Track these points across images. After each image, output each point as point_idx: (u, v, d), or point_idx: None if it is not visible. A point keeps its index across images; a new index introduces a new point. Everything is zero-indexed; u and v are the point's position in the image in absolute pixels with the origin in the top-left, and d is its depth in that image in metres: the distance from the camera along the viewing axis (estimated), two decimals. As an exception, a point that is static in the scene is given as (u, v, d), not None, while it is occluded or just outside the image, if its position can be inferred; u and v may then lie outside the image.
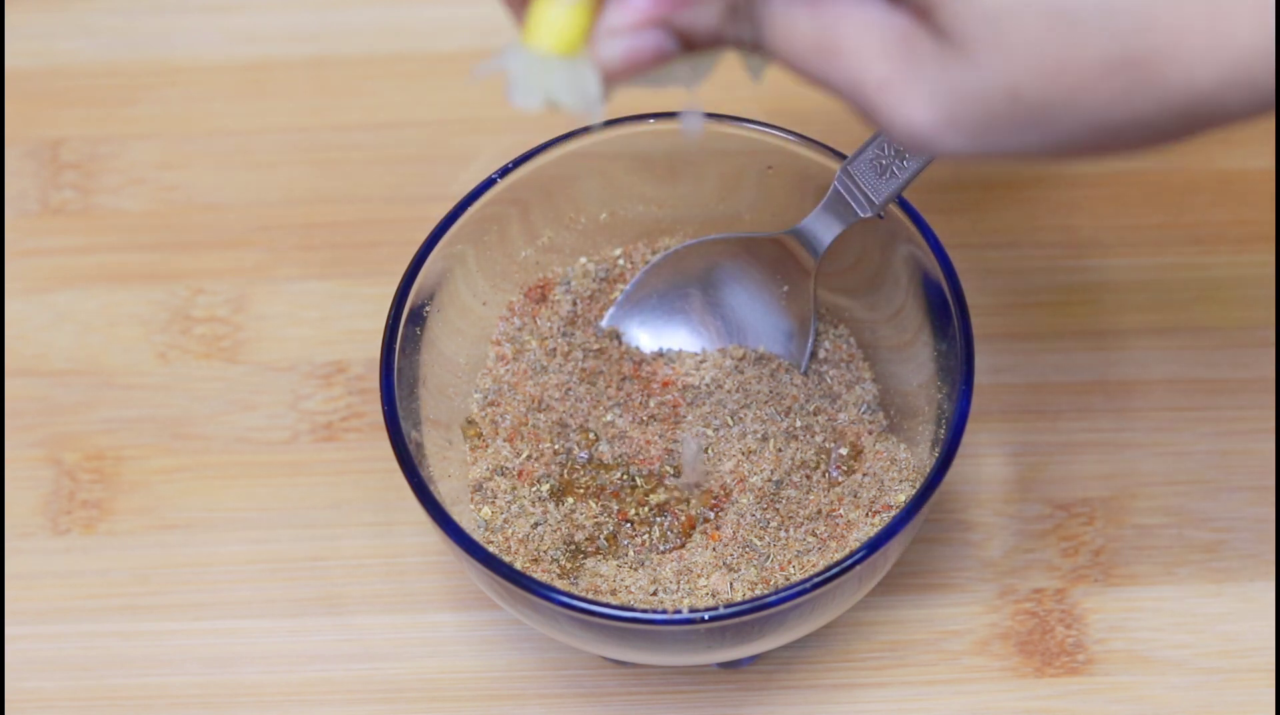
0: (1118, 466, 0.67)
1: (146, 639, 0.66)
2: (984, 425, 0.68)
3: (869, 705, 0.64)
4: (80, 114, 0.76)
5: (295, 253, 0.73)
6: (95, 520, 0.68)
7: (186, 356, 0.71)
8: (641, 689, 0.64)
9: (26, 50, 0.77)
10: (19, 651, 0.66)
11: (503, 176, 0.63)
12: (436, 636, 0.65)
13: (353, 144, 0.75)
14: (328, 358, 0.70)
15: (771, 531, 0.62)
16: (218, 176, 0.74)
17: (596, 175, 0.65)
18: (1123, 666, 0.64)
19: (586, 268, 0.66)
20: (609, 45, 0.50)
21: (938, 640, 0.65)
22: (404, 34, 0.77)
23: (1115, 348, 0.69)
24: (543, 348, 0.65)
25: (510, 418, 0.64)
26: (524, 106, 0.50)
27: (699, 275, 0.66)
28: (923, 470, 0.61)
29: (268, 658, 0.65)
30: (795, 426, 0.63)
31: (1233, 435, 0.68)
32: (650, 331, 0.66)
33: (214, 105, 0.76)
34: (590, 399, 0.64)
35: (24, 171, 0.74)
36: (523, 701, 0.64)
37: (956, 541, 0.66)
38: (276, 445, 0.69)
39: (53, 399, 0.70)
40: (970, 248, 0.71)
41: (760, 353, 0.65)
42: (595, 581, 0.61)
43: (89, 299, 0.72)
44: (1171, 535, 0.66)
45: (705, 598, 0.60)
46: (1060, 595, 0.65)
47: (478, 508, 0.63)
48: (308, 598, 0.66)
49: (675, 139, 0.64)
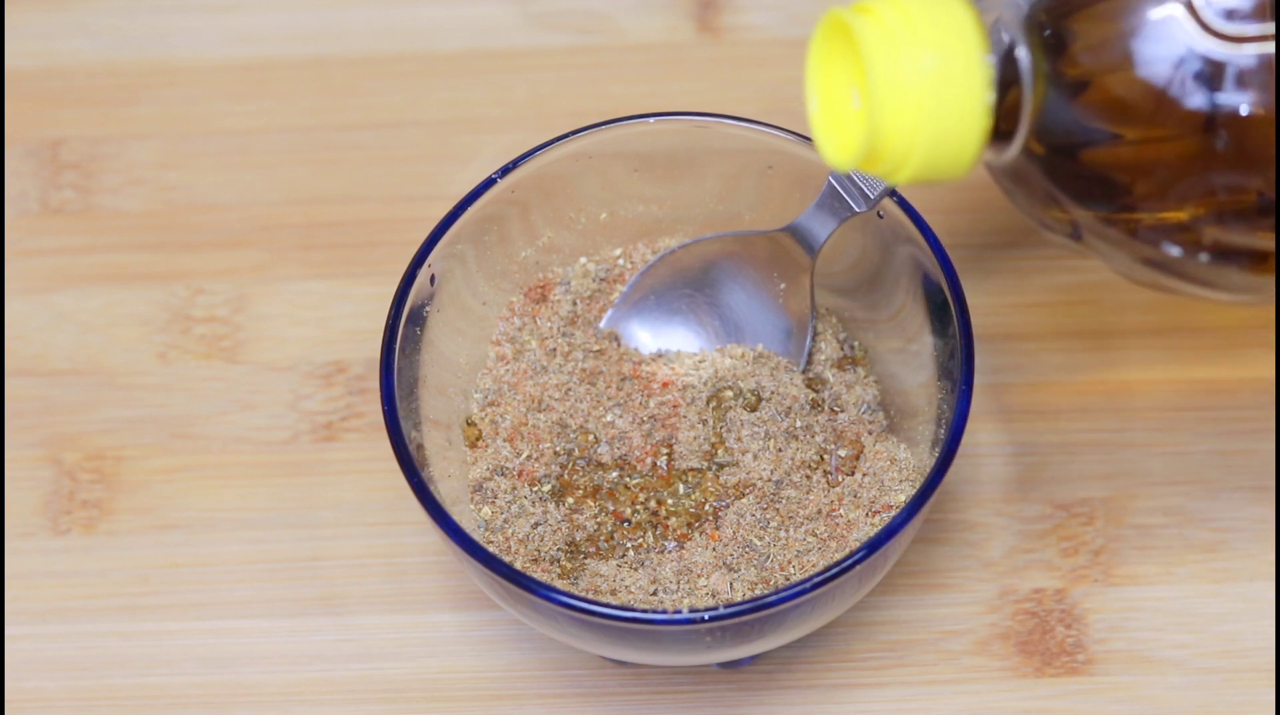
0: (1118, 466, 0.67)
1: (146, 639, 0.66)
2: (984, 425, 0.68)
3: (869, 705, 0.64)
4: (80, 114, 0.76)
5: (295, 253, 0.73)
6: (95, 520, 0.68)
7: (186, 356, 0.71)
8: (641, 689, 0.64)
9: (26, 50, 0.77)
10: (19, 651, 0.66)
11: (503, 176, 0.63)
12: (436, 636, 0.65)
13: (353, 144, 0.75)
14: (328, 358, 0.70)
15: (771, 531, 0.62)
16: (218, 176, 0.74)
17: (596, 175, 0.65)
18: (1123, 666, 0.64)
19: (586, 268, 0.66)
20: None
21: (938, 640, 0.65)
22: (404, 34, 0.77)
23: (1115, 348, 0.69)
24: (543, 348, 0.65)
25: (510, 418, 0.64)
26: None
27: (696, 275, 0.66)
28: (923, 470, 0.61)
29: (268, 658, 0.65)
30: (795, 426, 0.63)
31: (1233, 435, 0.68)
32: (649, 332, 0.66)
33: (214, 105, 0.76)
34: (590, 399, 0.64)
35: (24, 171, 0.74)
36: (523, 701, 0.64)
37: (956, 541, 0.66)
38: (276, 445, 0.69)
39: (53, 399, 0.70)
40: (970, 248, 0.71)
41: (759, 351, 0.65)
42: (595, 581, 0.61)
43: (89, 299, 0.72)
44: (1171, 535, 0.66)
45: (705, 598, 0.60)
46: (1060, 595, 0.65)
47: (478, 508, 0.63)
48: (308, 598, 0.66)
49: (675, 139, 0.64)
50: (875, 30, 0.51)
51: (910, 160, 0.51)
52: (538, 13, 0.77)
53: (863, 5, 0.52)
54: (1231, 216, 0.51)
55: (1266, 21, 0.50)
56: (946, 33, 0.50)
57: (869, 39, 0.51)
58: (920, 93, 0.50)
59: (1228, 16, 0.50)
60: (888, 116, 0.50)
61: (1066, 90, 0.52)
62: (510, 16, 0.77)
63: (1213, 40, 0.50)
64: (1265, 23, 0.50)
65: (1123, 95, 0.51)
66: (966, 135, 0.51)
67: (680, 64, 0.76)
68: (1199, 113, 0.50)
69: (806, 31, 0.76)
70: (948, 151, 0.51)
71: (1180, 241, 0.52)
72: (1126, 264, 0.53)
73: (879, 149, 0.51)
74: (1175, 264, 0.53)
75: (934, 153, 0.51)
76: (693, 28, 0.77)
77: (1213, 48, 0.50)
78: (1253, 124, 0.50)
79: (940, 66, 0.50)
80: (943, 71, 0.50)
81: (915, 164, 0.51)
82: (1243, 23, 0.50)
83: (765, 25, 0.77)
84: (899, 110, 0.50)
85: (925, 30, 0.50)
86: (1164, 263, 0.53)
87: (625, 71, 0.76)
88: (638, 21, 0.77)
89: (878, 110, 0.50)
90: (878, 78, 0.50)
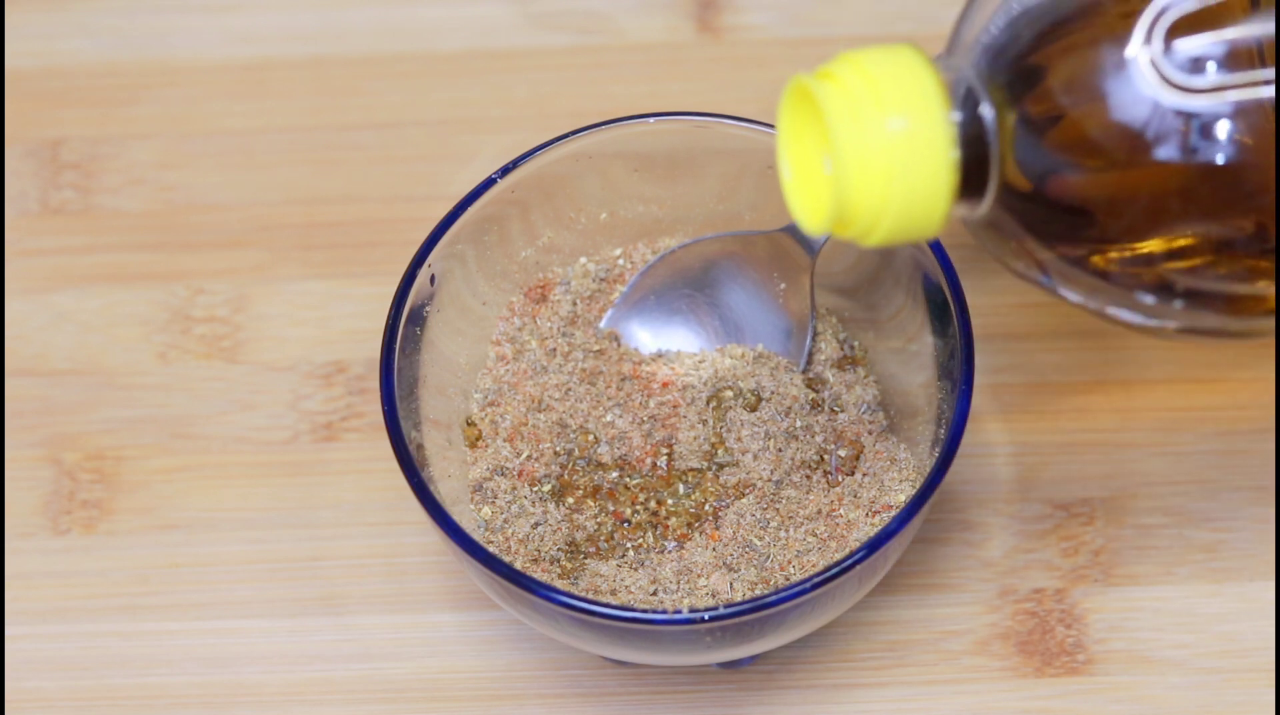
0: (1118, 466, 0.67)
1: (146, 639, 0.66)
2: (984, 425, 0.68)
3: (869, 705, 0.64)
4: (80, 114, 0.76)
5: (295, 253, 0.73)
6: (95, 520, 0.68)
7: (186, 356, 0.71)
8: (641, 689, 0.64)
9: (26, 50, 0.77)
10: (19, 651, 0.66)
11: (503, 176, 0.63)
12: (436, 636, 0.65)
13: (353, 144, 0.75)
14: (328, 358, 0.70)
15: (771, 531, 0.62)
16: (218, 176, 0.74)
17: (596, 175, 0.65)
18: (1123, 666, 0.64)
19: (586, 268, 0.66)
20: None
21: (938, 640, 0.65)
22: (404, 34, 0.77)
23: (1115, 348, 0.69)
24: (543, 348, 0.65)
25: (510, 418, 0.64)
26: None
27: (696, 275, 0.66)
28: (923, 470, 0.61)
29: (268, 658, 0.65)
30: (795, 426, 0.63)
31: (1233, 435, 0.68)
32: (649, 332, 0.66)
33: (214, 105, 0.76)
34: (590, 399, 0.64)
35: (24, 171, 0.74)
36: (523, 701, 0.64)
37: (956, 541, 0.66)
38: (276, 445, 0.69)
39: (53, 399, 0.70)
40: (970, 248, 0.71)
41: (759, 351, 0.65)
42: (595, 581, 0.61)
43: (89, 299, 0.72)
44: (1171, 535, 0.66)
45: (705, 598, 0.60)
46: (1060, 595, 0.65)
47: (478, 508, 0.63)
48: (308, 598, 0.66)
49: (675, 139, 0.64)
50: (838, 96, 0.51)
51: (881, 223, 0.51)
52: (538, 13, 0.77)
53: (826, 70, 0.52)
54: (1204, 260, 0.51)
55: (1233, 72, 0.50)
56: (909, 95, 0.50)
57: (832, 106, 0.51)
58: (886, 158, 0.50)
59: (1190, 69, 0.50)
60: (855, 183, 0.50)
61: (1034, 142, 0.51)
62: (510, 16, 0.77)
63: (1175, 92, 0.50)
64: (1232, 73, 0.50)
65: (1091, 145, 0.51)
66: (935, 195, 0.51)
67: (680, 64, 0.76)
68: (1168, 163, 0.50)
69: (807, 32, 0.76)
70: (918, 212, 0.51)
71: (1150, 286, 0.52)
72: (1100, 308, 0.54)
73: (850, 214, 0.51)
74: (1150, 309, 0.53)
75: (904, 215, 0.51)
76: (693, 28, 0.77)
77: (1176, 100, 0.50)
78: (1220, 173, 0.50)
79: (905, 130, 0.50)
80: (907, 135, 0.50)
81: (886, 227, 0.51)
82: (1203, 75, 0.50)
83: (765, 25, 0.77)
84: (866, 176, 0.50)
85: (888, 93, 0.50)
86: (1138, 307, 0.53)
87: (625, 71, 0.76)
88: (638, 21, 0.77)
89: (844, 178, 0.50)
90: (842, 146, 0.50)
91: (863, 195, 0.51)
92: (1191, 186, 0.50)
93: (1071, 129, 0.51)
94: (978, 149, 0.51)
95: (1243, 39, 0.50)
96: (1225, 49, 0.50)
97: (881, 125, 0.50)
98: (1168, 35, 0.50)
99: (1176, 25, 0.50)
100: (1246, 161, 0.50)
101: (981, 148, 0.51)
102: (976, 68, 0.52)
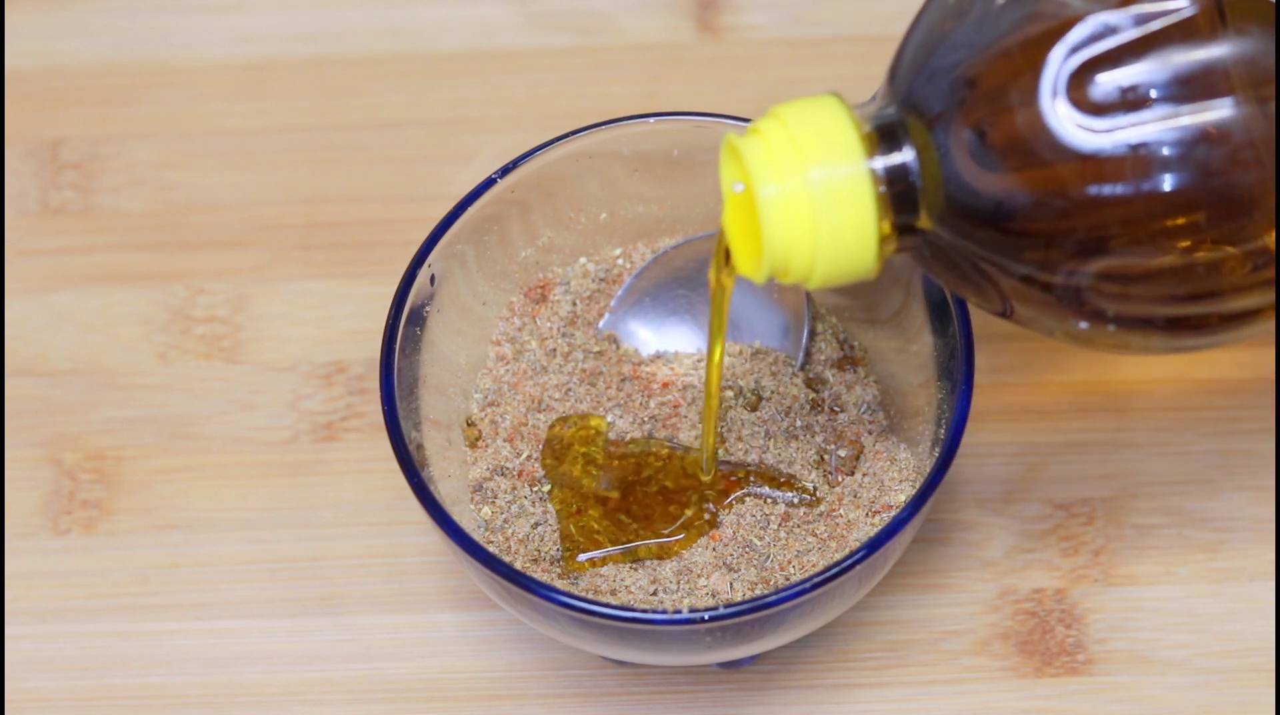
0: (1118, 466, 0.67)
1: (146, 639, 0.66)
2: (984, 425, 0.68)
3: (869, 705, 0.64)
4: (80, 114, 0.76)
5: (295, 253, 0.73)
6: (95, 520, 0.68)
7: (186, 356, 0.71)
8: (641, 689, 0.64)
9: (26, 50, 0.77)
10: (19, 651, 0.66)
11: (503, 176, 0.63)
12: (436, 636, 0.65)
13: (353, 144, 0.75)
14: (328, 358, 0.70)
15: (771, 531, 0.62)
16: (218, 176, 0.74)
17: (596, 175, 0.65)
18: (1123, 666, 0.64)
19: (586, 268, 0.66)
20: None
21: (938, 640, 0.65)
22: (404, 34, 0.77)
23: (1115, 348, 0.69)
24: (543, 348, 0.65)
25: (510, 418, 0.64)
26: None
27: (690, 274, 0.66)
28: (923, 470, 0.61)
29: (268, 658, 0.65)
30: (795, 426, 0.63)
31: (1233, 435, 0.68)
32: (648, 332, 0.66)
33: (214, 105, 0.76)
34: (590, 400, 0.64)
35: (24, 171, 0.74)
36: (523, 701, 0.64)
37: (956, 541, 0.66)
38: (276, 445, 0.69)
39: (53, 399, 0.70)
40: (970, 248, 0.71)
41: (756, 347, 0.65)
42: (595, 581, 0.61)
43: (89, 299, 0.72)
44: (1171, 535, 0.66)
45: (705, 598, 0.60)
46: (1060, 595, 0.65)
47: (478, 508, 0.63)
48: (308, 598, 0.66)
49: (675, 139, 0.64)
50: (761, 152, 0.52)
51: (816, 269, 0.52)
52: (538, 13, 0.77)
53: (754, 127, 0.53)
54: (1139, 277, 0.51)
55: (1132, 113, 0.50)
56: (828, 145, 0.51)
57: (754, 161, 0.52)
58: (809, 207, 0.51)
59: (1096, 112, 0.50)
60: (781, 234, 0.52)
61: (958, 179, 0.52)
62: (510, 16, 0.77)
63: (1083, 133, 0.50)
64: (1129, 113, 0.50)
65: (1011, 184, 0.51)
66: (864, 239, 0.52)
67: (680, 64, 0.76)
68: (1085, 197, 0.50)
69: (806, 32, 0.76)
70: (849, 256, 0.52)
71: (1087, 309, 0.52)
72: (1049, 329, 0.54)
73: (784, 262, 0.52)
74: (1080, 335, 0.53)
75: (835, 259, 0.52)
76: (693, 28, 0.77)
77: (1085, 140, 0.50)
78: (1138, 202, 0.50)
79: (823, 179, 0.51)
80: (826, 184, 0.51)
81: (822, 272, 0.52)
82: (1107, 117, 0.50)
83: (765, 25, 0.77)
84: (790, 226, 0.52)
85: (808, 145, 0.51)
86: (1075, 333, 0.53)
87: (625, 71, 0.76)
88: (638, 21, 0.77)
89: (770, 229, 0.52)
90: (765, 198, 0.51)
91: (791, 244, 0.52)
92: (1103, 222, 0.50)
93: (991, 165, 0.51)
94: (904, 188, 0.52)
95: (1152, 74, 0.50)
96: (1143, 85, 0.50)
97: (802, 177, 0.51)
98: (1076, 75, 0.50)
99: (1088, 64, 0.50)
100: (1169, 191, 0.50)
101: (908, 186, 0.52)
102: (905, 104, 0.52)
